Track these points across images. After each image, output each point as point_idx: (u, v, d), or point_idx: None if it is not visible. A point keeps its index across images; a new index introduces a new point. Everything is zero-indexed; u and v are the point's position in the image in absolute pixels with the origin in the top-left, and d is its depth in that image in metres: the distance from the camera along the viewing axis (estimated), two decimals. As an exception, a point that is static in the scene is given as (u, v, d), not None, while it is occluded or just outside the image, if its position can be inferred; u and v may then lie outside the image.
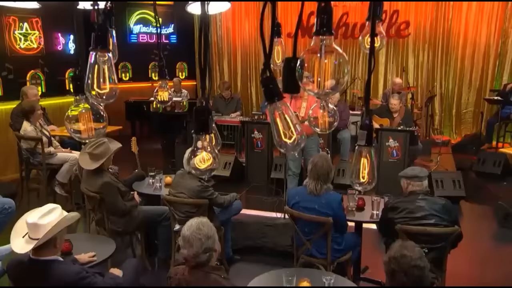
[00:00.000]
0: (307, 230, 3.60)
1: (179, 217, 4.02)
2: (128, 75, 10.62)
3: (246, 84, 11.16)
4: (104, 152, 4.04)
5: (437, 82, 9.56)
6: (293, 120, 1.47)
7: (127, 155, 5.10)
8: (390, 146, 6.38)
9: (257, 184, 6.77)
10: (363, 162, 1.68)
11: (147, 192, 4.61)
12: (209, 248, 2.30)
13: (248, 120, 7.29)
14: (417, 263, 2.11)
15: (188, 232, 2.30)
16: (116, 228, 4.13)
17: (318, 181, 3.55)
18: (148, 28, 10.72)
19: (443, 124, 9.61)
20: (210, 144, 1.65)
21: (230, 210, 4.32)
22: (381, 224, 3.66)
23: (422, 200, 3.37)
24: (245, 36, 11.02)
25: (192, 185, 3.95)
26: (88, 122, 1.61)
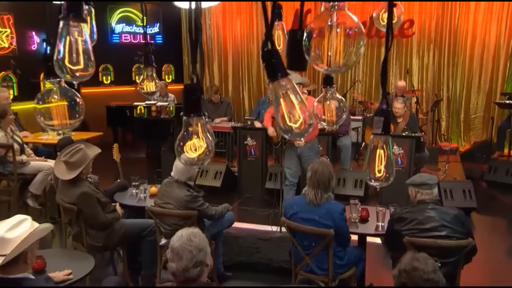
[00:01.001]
0: (307, 243, 3.55)
1: (165, 231, 3.94)
2: (109, 78, 10.57)
3: (238, 87, 11.14)
4: (81, 160, 3.97)
5: (444, 85, 9.59)
6: (300, 101, 1.40)
7: (108, 164, 5.04)
8: (394, 153, 6.35)
9: (251, 195, 6.73)
10: (379, 154, 1.59)
11: (130, 203, 4.56)
12: (200, 262, 2.23)
13: (241, 126, 7.26)
14: (430, 276, 2.06)
15: (177, 243, 2.23)
16: (95, 243, 4.04)
17: (318, 190, 3.51)
18: (132, 27, 10.70)
19: (451, 131, 9.62)
20: (203, 128, 1.54)
21: (222, 222, 4.26)
22: (387, 237, 3.60)
23: (432, 210, 3.32)
24: (237, 35, 11.01)
25: (180, 195, 3.89)
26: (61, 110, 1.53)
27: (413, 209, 3.40)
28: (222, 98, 8.67)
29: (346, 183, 6.46)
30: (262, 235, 5.02)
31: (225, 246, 4.49)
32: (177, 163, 3.96)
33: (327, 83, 2.12)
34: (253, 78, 11.01)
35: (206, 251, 2.27)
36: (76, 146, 3.99)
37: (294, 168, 5.68)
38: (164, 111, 8.71)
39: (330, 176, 3.55)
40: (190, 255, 2.21)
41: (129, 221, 4.32)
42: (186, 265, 2.21)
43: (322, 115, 2.15)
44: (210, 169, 6.93)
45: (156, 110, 8.57)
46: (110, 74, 10.57)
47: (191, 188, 3.98)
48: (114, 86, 10.56)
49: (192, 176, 4.06)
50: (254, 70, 10.98)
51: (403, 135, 6.58)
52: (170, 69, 11.35)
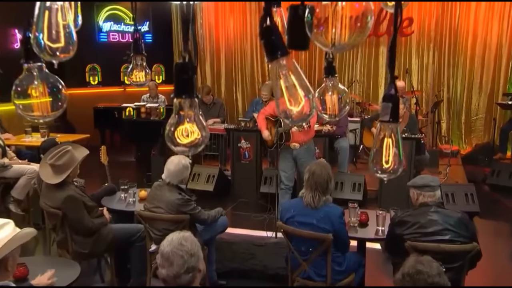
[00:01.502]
0: (304, 248, 3.53)
1: (155, 236, 3.90)
2: (97, 78, 10.52)
3: (231, 88, 11.12)
4: (69, 162, 3.93)
5: (444, 85, 9.62)
6: (302, 82, 1.35)
7: (95, 167, 5.00)
8: (394, 155, 6.33)
9: (245, 200, 6.72)
10: (386, 144, 1.54)
11: (119, 208, 4.51)
12: (192, 268, 2.19)
13: (234, 128, 7.24)
14: (435, 280, 2.03)
15: (168, 248, 2.19)
16: (81, 249, 3.99)
17: (316, 192, 3.49)
18: (120, 26, 10.65)
19: (451, 133, 9.64)
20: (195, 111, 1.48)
21: (215, 227, 4.23)
22: (388, 242, 3.59)
23: (434, 213, 3.31)
24: (230, 34, 11.00)
25: (171, 198, 3.86)
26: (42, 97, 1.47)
27: (415, 212, 3.38)
28: (215, 99, 8.64)
29: (344, 187, 6.44)
30: (257, 240, 5.01)
31: (218, 252, 4.46)
32: (169, 165, 3.94)
33: (329, 72, 2.07)
34: (247, 78, 10.99)
35: (199, 256, 2.23)
36: (63, 148, 3.94)
37: (290, 171, 5.67)
38: (154, 112, 8.67)
39: (328, 178, 3.53)
40: (182, 261, 2.17)
41: (117, 226, 4.27)
42: (177, 271, 2.17)
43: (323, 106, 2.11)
44: (202, 172, 6.90)
45: (146, 112, 8.53)
46: (98, 74, 10.54)
47: (183, 191, 3.95)
48: (102, 87, 10.52)
49: (184, 179, 4.03)
50: (248, 70, 10.96)
51: (403, 137, 6.52)
52: (160, 69, 11.29)
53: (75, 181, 4.24)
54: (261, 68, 10.85)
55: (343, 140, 7.32)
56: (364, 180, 6.51)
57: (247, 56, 10.95)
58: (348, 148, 7.34)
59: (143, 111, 8.50)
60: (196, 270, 2.21)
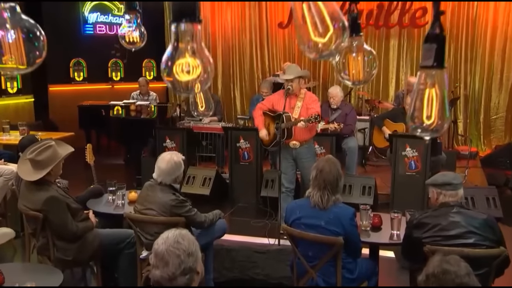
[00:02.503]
0: (311, 254, 3.48)
1: (146, 241, 3.84)
2: (82, 74, 10.48)
3: (229, 85, 11.09)
4: (50, 158, 3.86)
5: (461, 82, 9.57)
6: (329, 9, 1.26)
7: (80, 170, 4.94)
8: (408, 156, 6.33)
9: (244, 205, 6.69)
10: (428, 95, 1.42)
11: (106, 211, 4.49)
12: (189, 269, 2.12)
13: (232, 126, 7.19)
14: (464, 280, 1.97)
15: (163, 246, 2.13)
16: (64, 256, 3.91)
17: (325, 191, 3.44)
18: (107, 17, 10.63)
19: (469, 133, 9.58)
20: (198, 43, 1.32)
21: (213, 231, 4.18)
22: (405, 246, 3.52)
23: (456, 214, 3.25)
24: (227, 28, 10.98)
25: (164, 199, 3.81)
26: (18, 44, 1.37)
27: (434, 213, 3.32)
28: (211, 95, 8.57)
29: (353, 190, 6.37)
30: (258, 248, 4.94)
31: (216, 260, 4.45)
32: (160, 163, 3.88)
33: (353, 30, 1.95)
34: (246, 75, 10.96)
35: (197, 256, 2.17)
36: (45, 143, 3.89)
37: (290, 173, 5.63)
38: (144, 111, 8.63)
39: (338, 175, 3.49)
40: (178, 261, 2.10)
41: (105, 231, 4.22)
42: (173, 272, 2.10)
43: (346, 70, 2.01)
44: (198, 175, 6.85)
45: (136, 110, 8.48)
46: (83, 70, 10.49)
47: (176, 192, 3.91)
48: (88, 83, 10.48)
49: (178, 178, 3.98)
50: (247, 66, 10.93)
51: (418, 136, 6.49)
52: (151, 64, 11.28)
53: (58, 182, 4.18)
54: (261, 64, 10.83)
55: (351, 140, 7.27)
56: (375, 183, 6.44)
57: (246, 52, 10.93)
58: (357, 148, 7.29)
59: (133, 109, 8.46)
60: (193, 271, 2.15)
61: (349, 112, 7.31)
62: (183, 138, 7.04)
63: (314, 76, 10.30)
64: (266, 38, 10.71)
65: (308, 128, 5.46)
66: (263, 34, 10.72)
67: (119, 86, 10.71)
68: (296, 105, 5.53)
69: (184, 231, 2.22)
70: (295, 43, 10.42)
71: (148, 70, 11.25)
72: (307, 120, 5.22)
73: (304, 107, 5.52)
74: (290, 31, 10.37)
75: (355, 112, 7.81)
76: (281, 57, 10.57)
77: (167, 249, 2.12)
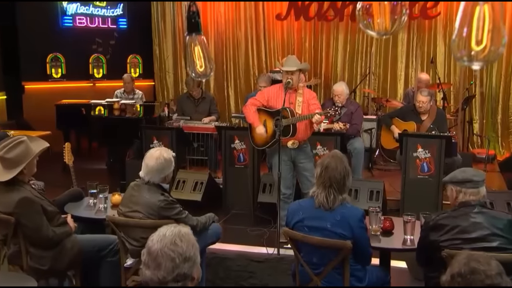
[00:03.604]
0: (316, 260, 3.47)
1: (132, 247, 3.82)
2: (60, 71, 10.39)
3: (222, 84, 11.06)
4: (23, 155, 3.81)
5: (477, 78, 9.55)
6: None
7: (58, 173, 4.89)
8: (419, 157, 6.28)
9: (239, 212, 6.62)
10: (479, 14, 1.36)
11: (86, 215, 4.48)
12: (183, 275, 2.09)
13: (226, 126, 7.15)
14: (495, 281, 1.93)
15: (158, 245, 2.10)
16: (39, 265, 3.87)
17: (331, 190, 3.43)
18: (88, 8, 10.58)
19: (485, 134, 9.55)
20: None
21: (205, 236, 4.16)
22: (421, 250, 3.51)
23: (478, 215, 3.25)
24: (220, 21, 10.95)
25: (151, 200, 3.79)
26: None
27: (454, 213, 3.31)
28: (204, 92, 8.55)
29: (359, 195, 6.31)
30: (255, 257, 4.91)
31: (209, 269, 4.42)
32: (148, 160, 3.85)
33: None
34: (241, 72, 10.93)
35: (194, 261, 2.15)
36: (16, 138, 3.86)
37: (288, 176, 5.58)
38: (129, 110, 8.57)
39: (345, 173, 3.47)
40: (171, 265, 2.07)
41: (85, 237, 4.22)
42: (164, 276, 2.07)
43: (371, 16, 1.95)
44: (188, 179, 6.81)
45: (120, 109, 8.42)
46: (61, 66, 10.38)
47: (166, 192, 3.89)
48: (66, 81, 10.39)
49: (167, 176, 3.96)
50: (242, 62, 10.90)
51: (430, 135, 6.49)
52: (137, 60, 11.22)
53: (32, 183, 4.17)
54: (257, 60, 10.80)
55: (357, 141, 7.23)
56: (383, 187, 6.39)
57: (241, 46, 10.89)
58: (363, 150, 7.25)
59: (116, 107, 8.40)
60: (188, 278, 2.11)
61: (355, 111, 7.26)
62: (172, 138, 6.96)
63: (316, 73, 10.28)
64: (262, 31, 10.66)
65: (311, 125, 5.45)
66: (260, 27, 10.68)
67: (101, 84, 10.64)
68: (296, 101, 5.48)
69: (184, 230, 2.19)
70: (295, 36, 10.44)
71: (133, 67, 11.18)
72: (325, 113, 5.16)
73: (305, 103, 5.48)
74: (289, 23, 10.36)
75: (362, 110, 7.76)
76: (279, 52, 10.54)
77: (162, 249, 2.08)
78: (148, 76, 11.26)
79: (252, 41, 10.78)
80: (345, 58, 10.24)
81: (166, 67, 11.24)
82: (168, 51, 11.20)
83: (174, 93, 11.02)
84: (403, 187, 6.35)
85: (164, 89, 11.28)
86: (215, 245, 5.11)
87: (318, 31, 10.29)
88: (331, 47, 10.26)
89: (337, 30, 10.19)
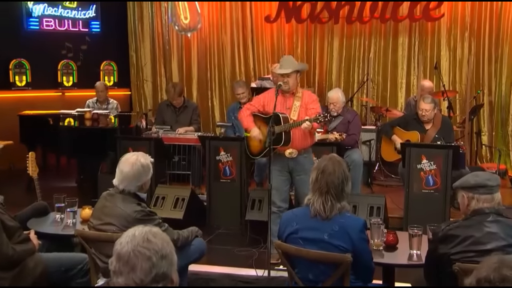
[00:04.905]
0: (312, 276, 3.43)
1: (104, 265, 3.72)
2: (24, 78, 10.29)
3: (205, 93, 11.08)
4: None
5: (485, 86, 9.65)
6: None
7: (21, 188, 4.80)
8: (424, 170, 6.30)
9: (226, 231, 6.63)
10: None
11: (53, 231, 4.43)
12: (162, 275, 2.03)
13: (211, 136, 7.16)
14: None
15: (128, 246, 2.03)
16: (-2, 287, 3.81)
17: (328, 197, 3.39)
18: (57, 9, 10.54)
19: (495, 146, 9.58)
20: None
21: (188, 252, 4.14)
22: (429, 265, 3.47)
23: (493, 223, 3.21)
24: (204, 24, 10.96)
25: (127, 211, 3.73)
26: None
27: (465, 222, 3.28)
28: (186, 101, 8.51)
29: (358, 211, 6.26)
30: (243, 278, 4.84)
31: None
32: (122, 166, 3.79)
33: None
34: (226, 81, 10.95)
35: (171, 260, 2.09)
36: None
37: (284, 188, 5.56)
38: (102, 121, 8.51)
39: (344, 177, 3.44)
40: (148, 264, 2.00)
41: (50, 255, 4.15)
42: (142, 279, 2.00)
43: None
44: (168, 195, 6.75)
45: (92, 118, 8.34)
46: (26, 73, 10.28)
47: (143, 202, 3.83)
48: (32, 90, 10.29)
49: (145, 184, 3.89)
50: (228, 69, 10.93)
51: (436, 145, 6.50)
52: (111, 68, 11.19)
53: None
54: (245, 67, 10.85)
55: (355, 152, 7.20)
56: (385, 203, 6.34)
57: (227, 52, 10.94)
58: (362, 162, 7.22)
59: (88, 117, 8.32)
60: (167, 279, 2.06)
61: (352, 119, 7.24)
62: (150, 149, 6.87)
63: (309, 81, 10.31)
64: (250, 35, 10.72)
65: (310, 133, 5.41)
66: (247, 30, 10.73)
67: (71, 94, 10.58)
68: (293, 105, 5.45)
69: (155, 229, 2.13)
70: (285, 40, 10.49)
71: (107, 75, 11.14)
72: (315, 119, 5.10)
73: (303, 108, 5.45)
74: (279, 26, 10.41)
75: (359, 119, 7.75)
76: (268, 58, 10.57)
77: (134, 249, 2.01)
78: (123, 85, 11.22)
79: (238, 46, 10.81)
80: (341, 65, 10.29)
81: (144, 75, 11.23)
82: (146, 58, 11.19)
83: (152, 104, 10.98)
84: (406, 202, 6.33)
85: (142, 99, 11.26)
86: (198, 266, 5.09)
87: (311, 35, 10.35)
88: (325, 52, 10.32)
89: (332, 34, 10.26)
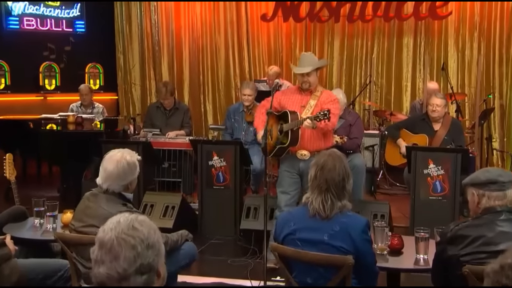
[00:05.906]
0: (311, 280, 3.40)
1: (86, 270, 3.67)
2: (3, 81, 10.35)
3: (198, 97, 11.14)
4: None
5: (495, 88, 9.70)
6: None
7: None
8: (431, 175, 6.26)
9: (219, 241, 6.58)
10: None
11: (31, 236, 4.43)
12: (148, 266, 1.97)
13: (203, 139, 7.14)
14: None
15: (112, 233, 1.98)
16: (-29, 296, 3.76)
17: (328, 195, 3.37)
18: (39, 8, 10.61)
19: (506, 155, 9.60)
20: None
21: (177, 257, 4.13)
22: (437, 268, 3.44)
23: (506, 222, 3.18)
24: (196, 24, 11.07)
25: (111, 212, 3.57)
26: None
27: (476, 221, 3.25)
28: (177, 103, 8.48)
29: (361, 220, 6.23)
30: (238, 288, 4.81)
31: None
32: (106, 164, 3.77)
33: None
34: (220, 83, 11.02)
35: (159, 251, 2.03)
36: None
37: (293, 192, 5.56)
38: (87, 125, 8.49)
39: (345, 174, 3.44)
40: (132, 253, 1.95)
41: (28, 262, 4.10)
42: (125, 268, 1.94)
43: None
44: (157, 203, 6.70)
45: (76, 122, 8.32)
46: (5, 75, 10.34)
47: (129, 202, 3.79)
48: (11, 93, 10.35)
49: (131, 184, 3.86)
50: (222, 72, 10.99)
51: (443, 148, 6.48)
52: (97, 70, 11.24)
53: None
54: (240, 69, 10.90)
55: (357, 157, 7.17)
56: (389, 210, 6.32)
57: (220, 54, 11.01)
58: (364, 168, 7.20)
59: (71, 121, 8.30)
60: (153, 270, 2.00)
61: (354, 122, 7.21)
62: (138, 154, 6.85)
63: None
64: (245, 35, 10.79)
65: (324, 134, 5.44)
66: (242, 30, 10.79)
67: (53, 98, 10.61)
68: (308, 104, 5.47)
69: (142, 216, 2.08)
70: (283, 41, 10.52)
71: (92, 78, 11.19)
72: (314, 117, 5.10)
73: (318, 107, 5.45)
74: (276, 25, 10.46)
75: (362, 122, 7.74)
76: (265, 59, 10.62)
77: (118, 236, 1.96)
78: (110, 89, 11.26)
79: (233, 47, 10.87)
80: (342, 66, 10.33)
81: (132, 78, 11.27)
82: (134, 60, 11.24)
83: (141, 109, 11.00)
84: (412, 210, 6.30)
85: (130, 104, 11.31)
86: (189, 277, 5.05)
87: (310, 35, 10.38)
88: (325, 53, 10.34)
89: (332, 33, 10.31)
